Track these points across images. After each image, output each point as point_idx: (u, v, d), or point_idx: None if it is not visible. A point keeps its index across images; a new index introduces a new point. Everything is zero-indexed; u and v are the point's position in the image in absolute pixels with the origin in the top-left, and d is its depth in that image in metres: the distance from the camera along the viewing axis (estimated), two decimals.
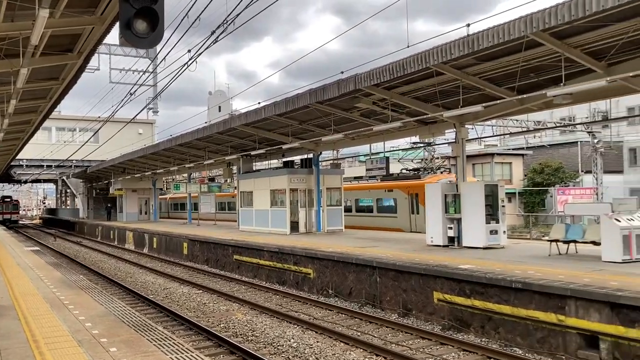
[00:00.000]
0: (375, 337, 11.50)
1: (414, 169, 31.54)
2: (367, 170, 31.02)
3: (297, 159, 27.73)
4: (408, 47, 13.76)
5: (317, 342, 11.17)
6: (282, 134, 23.94)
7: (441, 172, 30.75)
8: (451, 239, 17.04)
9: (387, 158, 29.65)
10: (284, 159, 28.43)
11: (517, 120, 35.58)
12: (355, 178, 33.73)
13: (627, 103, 41.91)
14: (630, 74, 11.47)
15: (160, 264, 26.41)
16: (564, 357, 9.58)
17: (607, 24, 10.60)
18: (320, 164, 27.54)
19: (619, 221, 12.59)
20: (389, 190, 28.66)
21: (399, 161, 37.56)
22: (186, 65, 15.82)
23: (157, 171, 40.88)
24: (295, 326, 12.59)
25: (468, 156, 32.25)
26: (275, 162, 36.09)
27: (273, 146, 25.76)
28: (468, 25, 11.56)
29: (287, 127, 22.42)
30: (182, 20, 13.29)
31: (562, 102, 13.60)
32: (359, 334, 11.76)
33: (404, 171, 32.11)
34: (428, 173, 29.08)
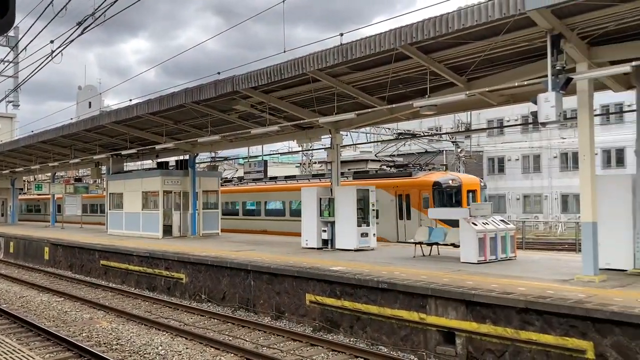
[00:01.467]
0: (247, 341, 11.42)
1: (401, 165, 25.65)
2: (245, 173, 30.68)
3: (172, 160, 26.89)
4: (285, 52, 13.91)
5: (187, 348, 10.86)
6: (156, 133, 23.09)
7: (430, 169, 24.53)
8: (325, 242, 17.43)
9: (266, 161, 29.64)
10: (158, 160, 27.43)
11: (389, 129, 37.34)
12: (315, 176, 28.93)
13: (487, 116, 45.66)
14: (487, 89, 12.48)
15: (18, 270, 24.30)
16: (424, 353, 10.14)
17: (468, 42, 11.44)
18: (197, 165, 26.95)
19: (475, 225, 13.61)
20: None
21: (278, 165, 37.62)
22: (50, 57, 14.74)
23: (17, 169, 37.63)
24: (165, 333, 12.15)
25: (345, 161, 33.31)
26: (148, 163, 34.72)
27: (146, 146, 24.75)
28: (341, 34, 11.92)
29: (162, 127, 21.66)
30: (46, 8, 12.38)
31: (428, 113, 14.47)
32: (230, 338, 11.61)
33: (384, 168, 26.69)
34: (420, 169, 23.64)
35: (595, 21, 10.01)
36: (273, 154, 35.89)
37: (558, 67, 9.85)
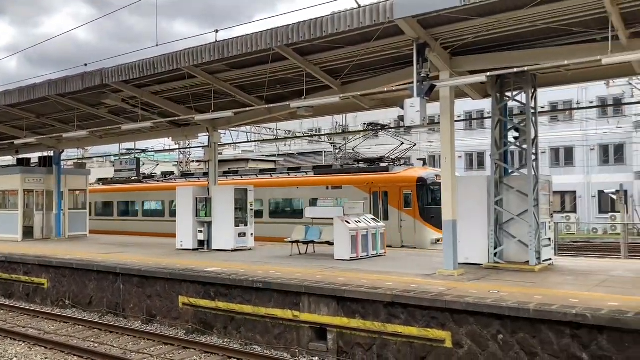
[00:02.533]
0: (114, 347, 10.88)
1: (375, 159, 22.17)
2: (115, 171, 29.11)
3: (35, 156, 24.93)
4: (157, 45, 13.45)
5: (46, 358, 10.13)
6: (15, 127, 21.25)
7: (403, 164, 21.79)
8: (201, 243, 17.08)
9: (138, 159, 28.33)
10: (19, 156, 25.26)
11: (270, 129, 37.46)
12: (263, 171, 26.03)
13: (364, 119, 47.41)
14: (359, 93, 12.96)
15: None
16: (297, 350, 10.30)
17: (342, 46, 11.79)
18: (64, 163, 25.20)
19: (348, 223, 14.07)
20: (335, 186, 20.81)
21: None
22: None
23: None
24: (21, 343, 11.23)
25: (224, 160, 32.87)
26: (8, 160, 31.84)
27: (4, 140, 22.71)
28: (216, 31, 11.76)
29: (22, 120, 20.00)
30: None
31: (305, 114, 14.70)
32: (96, 345, 10.99)
33: (353, 163, 23.76)
34: (398, 165, 20.94)
35: (456, 33, 10.76)
36: (148, 151, 34.48)
37: (423, 75, 10.46)
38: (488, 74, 10.33)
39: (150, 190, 27.16)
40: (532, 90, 12.20)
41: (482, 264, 12.26)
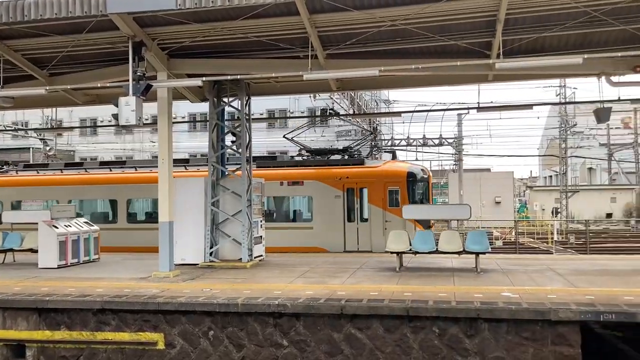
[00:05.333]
0: None
1: (343, 149, 19.14)
2: None
3: None
4: None
5: None
6: None
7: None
8: None
9: None
10: None
11: None
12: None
13: (80, 114, 44.10)
14: (69, 87, 12.03)
15: None
16: None
17: (49, 35, 10.80)
18: None
19: (57, 228, 12.92)
20: (294, 182, 17.34)
21: None
22: None
23: None
24: None
25: None
26: None
27: None
28: None
29: None
30: None
31: (4, 105, 13.00)
32: None
33: (307, 155, 19.63)
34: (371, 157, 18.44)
35: (173, 35, 10.83)
36: None
37: (139, 73, 10.26)
38: (204, 78, 10.64)
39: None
40: (246, 98, 12.96)
41: (198, 264, 12.55)
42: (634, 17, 10.00)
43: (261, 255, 13.45)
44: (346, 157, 18.32)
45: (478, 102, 16.47)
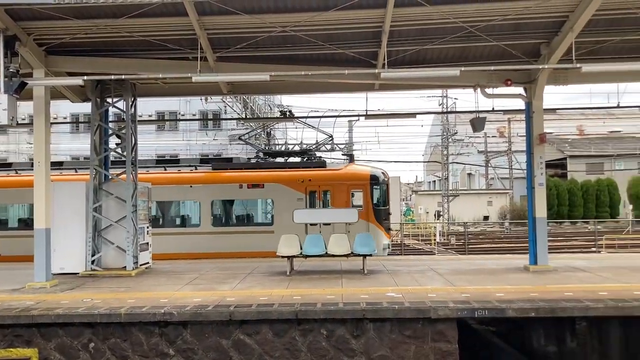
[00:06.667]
0: None
1: (302, 151, 18.81)
2: None
3: None
4: None
5: None
6: None
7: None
8: None
9: None
10: None
11: None
12: (160, 163, 18.81)
13: None
14: None
15: None
16: None
17: None
18: None
19: None
20: (255, 185, 16.76)
21: None
22: None
23: None
24: None
25: None
26: None
27: None
28: None
29: None
30: None
31: None
32: None
33: (265, 157, 19.22)
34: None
35: (52, 30, 10.19)
36: None
37: (12, 70, 9.54)
38: (85, 77, 10.11)
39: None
40: (132, 99, 12.46)
41: (79, 273, 11.86)
42: (506, 34, 10.84)
43: (147, 263, 12.98)
44: (306, 159, 18.42)
45: (366, 110, 17.06)
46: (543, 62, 10.93)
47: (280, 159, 18.89)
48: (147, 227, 13.15)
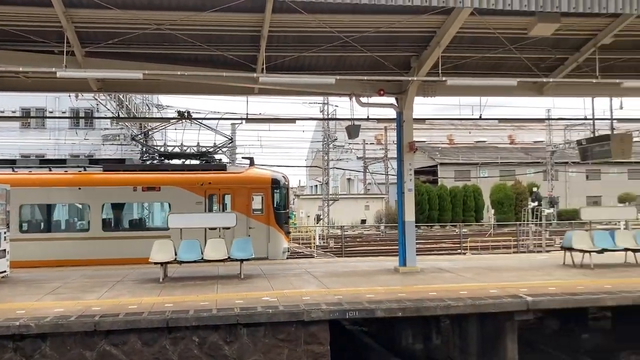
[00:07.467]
0: None
1: (201, 153, 18.03)
2: None
3: None
4: None
5: None
6: None
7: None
8: None
9: None
10: None
11: None
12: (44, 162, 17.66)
13: None
14: None
15: None
16: None
17: None
18: None
19: None
20: (150, 187, 16.00)
21: None
22: None
23: None
24: None
25: None
26: None
27: None
28: None
29: None
30: None
31: None
32: None
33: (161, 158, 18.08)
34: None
35: None
36: None
37: None
38: None
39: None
40: None
41: None
42: (379, 46, 11.30)
43: (5, 272, 11.90)
44: (205, 161, 17.94)
45: (247, 114, 16.98)
46: (413, 75, 11.55)
47: (177, 161, 18.31)
48: (5, 233, 12.06)
